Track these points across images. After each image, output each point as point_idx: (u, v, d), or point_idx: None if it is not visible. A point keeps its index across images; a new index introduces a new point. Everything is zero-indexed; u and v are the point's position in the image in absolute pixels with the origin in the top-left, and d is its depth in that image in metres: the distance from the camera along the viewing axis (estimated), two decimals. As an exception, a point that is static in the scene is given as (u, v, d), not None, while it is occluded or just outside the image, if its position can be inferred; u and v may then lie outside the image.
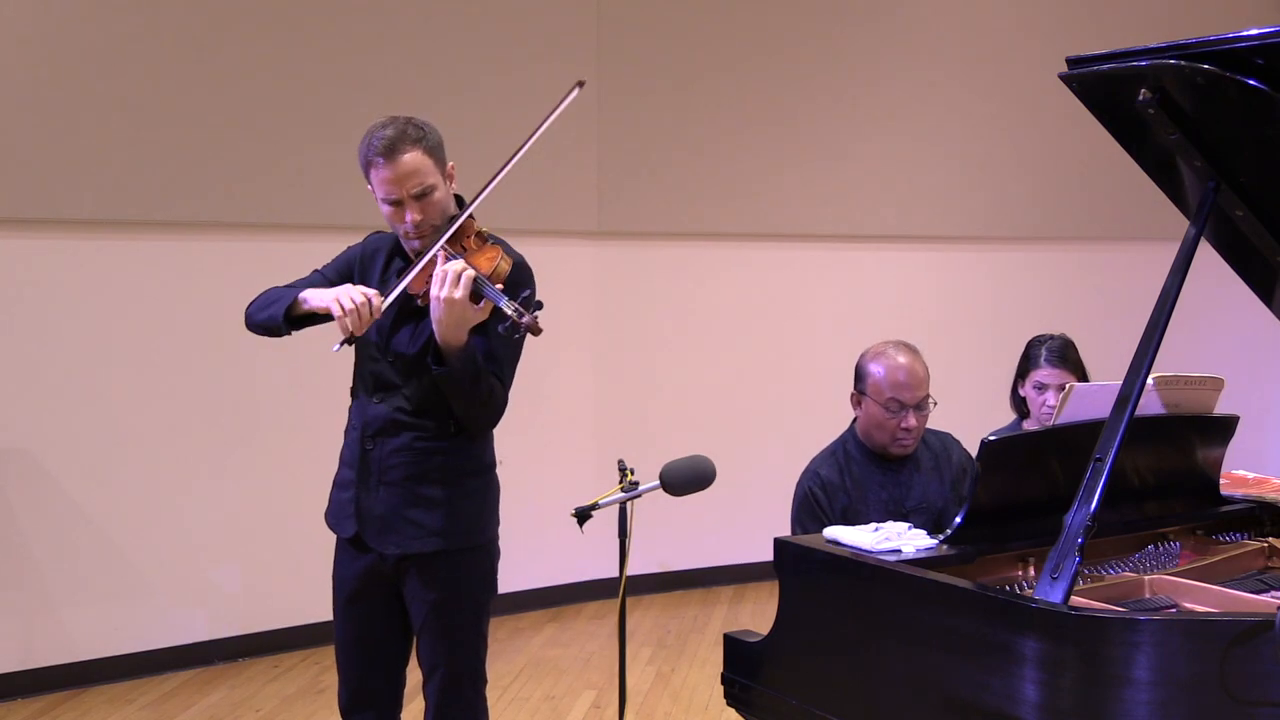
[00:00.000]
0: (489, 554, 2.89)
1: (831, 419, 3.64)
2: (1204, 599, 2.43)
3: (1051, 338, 3.65)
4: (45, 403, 4.69)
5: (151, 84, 4.82)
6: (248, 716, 4.47)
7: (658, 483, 2.94)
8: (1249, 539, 2.85)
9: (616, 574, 2.92)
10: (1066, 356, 3.59)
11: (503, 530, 2.93)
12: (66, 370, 4.72)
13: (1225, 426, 2.91)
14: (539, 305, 2.56)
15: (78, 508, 4.76)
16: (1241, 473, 3.21)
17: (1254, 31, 2.07)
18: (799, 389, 6.18)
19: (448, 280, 2.54)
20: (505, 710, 4.51)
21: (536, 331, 2.51)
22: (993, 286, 6.56)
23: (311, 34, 5.15)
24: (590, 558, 5.45)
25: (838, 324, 6.20)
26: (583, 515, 2.94)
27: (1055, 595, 2.05)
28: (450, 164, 2.81)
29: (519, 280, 2.71)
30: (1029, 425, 3.60)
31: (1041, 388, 3.56)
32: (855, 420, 3.26)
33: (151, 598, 4.91)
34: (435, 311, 2.57)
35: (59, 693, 4.66)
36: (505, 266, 2.66)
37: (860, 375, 3.20)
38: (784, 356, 6.27)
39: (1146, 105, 2.22)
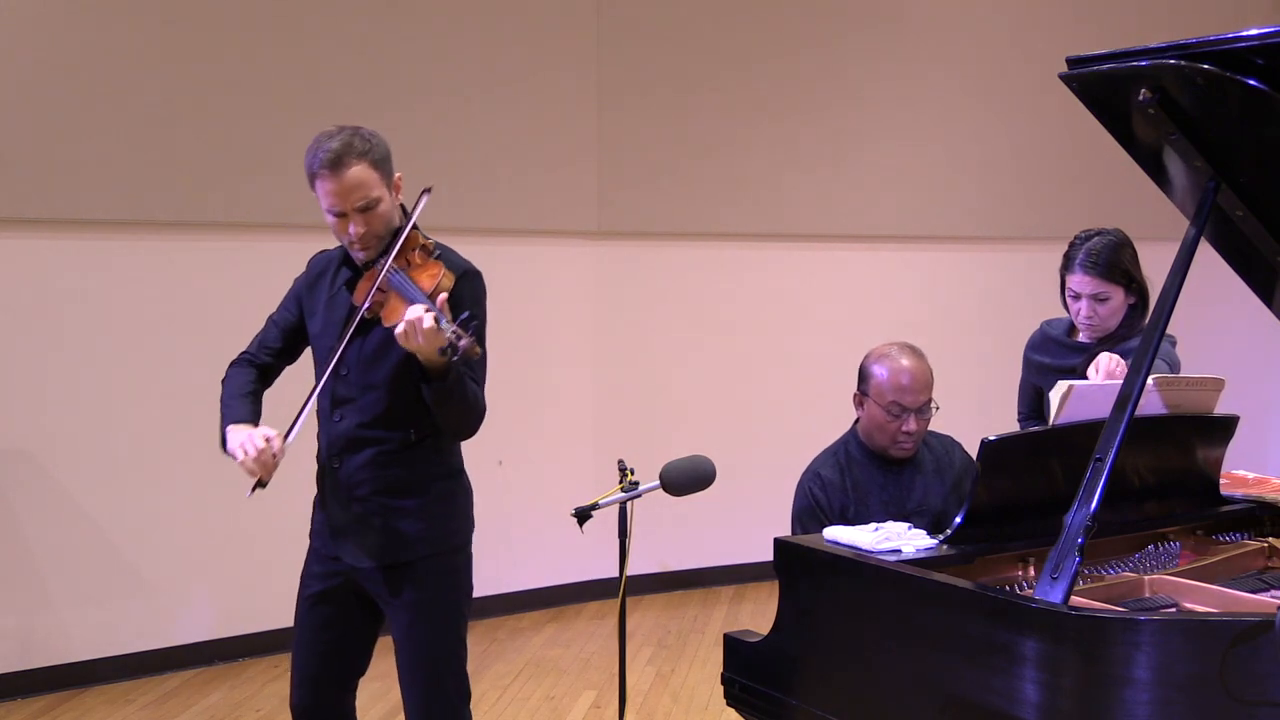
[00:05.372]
0: (461, 557, 2.88)
1: (831, 419, 3.64)
2: (1204, 599, 2.43)
3: (1098, 234, 3.20)
4: (45, 403, 4.69)
5: (152, 84, 4.82)
6: (248, 716, 4.47)
7: (658, 483, 2.94)
8: (1249, 539, 2.86)
9: (616, 574, 2.92)
10: (1104, 262, 3.13)
11: (503, 530, 2.95)
12: (66, 370, 4.72)
13: (1225, 426, 2.91)
14: (475, 326, 2.55)
15: (78, 508, 4.76)
16: (1241, 473, 3.20)
17: (1254, 31, 2.07)
18: (799, 389, 6.18)
19: (412, 332, 2.48)
20: (505, 710, 4.51)
21: (473, 354, 2.50)
22: (992, 287, 6.56)
23: (312, 34, 5.15)
24: (590, 558, 5.44)
25: (838, 324, 6.20)
26: (583, 515, 2.94)
27: (1055, 595, 2.05)
28: (398, 175, 2.77)
29: (462, 294, 2.69)
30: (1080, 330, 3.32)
31: (1075, 296, 3.19)
32: (857, 421, 3.25)
33: (151, 598, 4.91)
34: (409, 347, 2.53)
35: (59, 693, 4.66)
36: (447, 282, 2.65)
37: (864, 376, 3.19)
38: (784, 356, 6.27)
39: (1146, 105, 2.22)
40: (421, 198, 2.75)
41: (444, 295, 2.59)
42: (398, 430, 2.76)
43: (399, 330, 2.50)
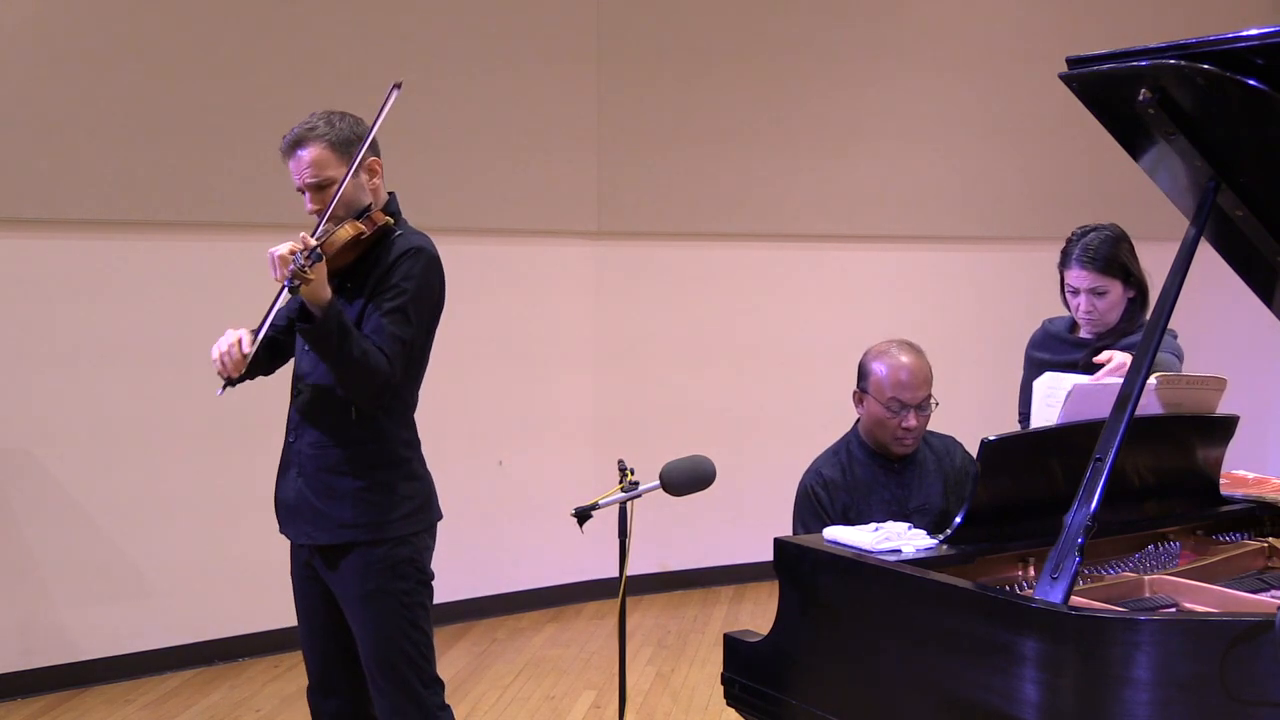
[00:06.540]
0: (406, 548, 2.87)
1: (831, 419, 3.64)
2: (1204, 599, 2.43)
3: (1094, 229, 3.20)
4: (45, 403, 4.69)
5: (151, 84, 4.82)
6: (248, 716, 4.47)
7: (658, 483, 2.94)
8: (1249, 539, 2.85)
9: (616, 574, 2.92)
10: (1101, 256, 3.15)
11: (503, 530, 2.94)
12: (66, 370, 4.72)
13: (1225, 426, 2.91)
14: (319, 258, 2.66)
15: (78, 508, 4.76)
16: (1241, 473, 3.20)
17: (1254, 31, 2.07)
18: (798, 389, 6.18)
19: (271, 262, 2.67)
20: (505, 710, 4.51)
21: (306, 278, 2.61)
22: (992, 287, 6.56)
23: (312, 33, 5.15)
24: (590, 558, 5.45)
25: (837, 324, 6.20)
26: (583, 515, 2.94)
27: (1055, 595, 2.05)
28: (372, 159, 2.89)
29: (398, 267, 2.80)
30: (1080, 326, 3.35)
31: (1074, 291, 3.21)
32: (858, 420, 3.26)
33: (151, 598, 4.91)
34: (275, 279, 2.70)
35: (59, 693, 4.66)
36: (342, 235, 2.77)
37: (863, 373, 3.19)
38: (783, 356, 6.27)
39: (1146, 105, 2.22)
40: (391, 93, 2.81)
41: (305, 233, 2.71)
42: (341, 407, 2.83)
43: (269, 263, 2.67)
